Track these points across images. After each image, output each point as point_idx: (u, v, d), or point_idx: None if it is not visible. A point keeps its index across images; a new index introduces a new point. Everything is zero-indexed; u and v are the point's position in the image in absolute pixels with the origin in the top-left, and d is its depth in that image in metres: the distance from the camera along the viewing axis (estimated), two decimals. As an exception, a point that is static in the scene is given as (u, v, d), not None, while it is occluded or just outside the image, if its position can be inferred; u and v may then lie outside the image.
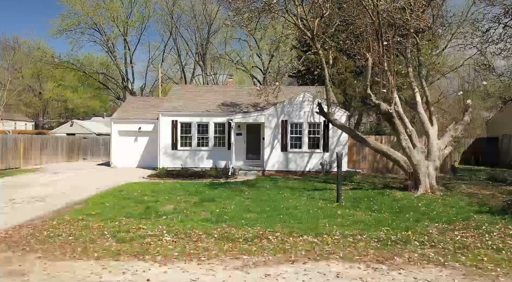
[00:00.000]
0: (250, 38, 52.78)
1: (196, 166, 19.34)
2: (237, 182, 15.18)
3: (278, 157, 18.37)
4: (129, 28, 51.68)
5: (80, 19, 48.44)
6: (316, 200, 11.05)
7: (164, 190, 12.95)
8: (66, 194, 12.31)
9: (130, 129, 21.09)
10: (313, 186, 13.95)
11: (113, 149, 21.21)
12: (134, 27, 52.10)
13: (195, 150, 19.45)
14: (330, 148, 18.35)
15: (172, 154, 19.43)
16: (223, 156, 19.23)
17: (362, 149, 18.74)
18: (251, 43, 52.70)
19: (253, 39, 52.21)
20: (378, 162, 18.49)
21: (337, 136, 18.36)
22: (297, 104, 18.41)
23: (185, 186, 14.03)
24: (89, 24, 49.35)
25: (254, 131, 19.54)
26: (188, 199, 11.27)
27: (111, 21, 49.67)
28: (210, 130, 19.50)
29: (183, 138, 19.58)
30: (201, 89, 23.10)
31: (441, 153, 12.29)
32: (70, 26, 48.27)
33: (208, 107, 20.01)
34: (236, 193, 12.42)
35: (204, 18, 52.22)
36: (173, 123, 19.46)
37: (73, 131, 35.91)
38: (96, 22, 49.16)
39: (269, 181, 15.32)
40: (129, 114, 21.69)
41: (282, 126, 18.36)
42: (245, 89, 23.34)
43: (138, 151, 21.34)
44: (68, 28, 48.49)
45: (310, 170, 18.32)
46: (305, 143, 18.38)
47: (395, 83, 11.85)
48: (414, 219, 8.73)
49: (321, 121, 18.37)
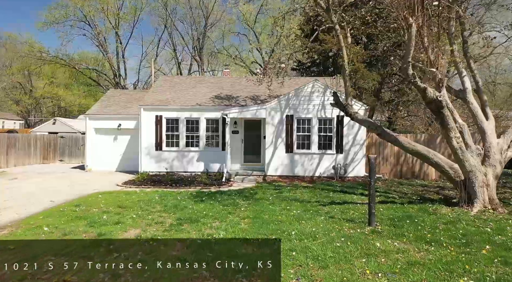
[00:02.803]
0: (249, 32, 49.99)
1: (184, 170, 16.30)
2: (231, 191, 12.14)
3: (282, 159, 15.33)
4: (121, 21, 48.65)
5: (68, 11, 45.47)
6: (338, 222, 8.00)
7: (135, 204, 9.92)
8: (4, 209, 9.28)
9: (109, 127, 18.03)
10: (328, 198, 10.90)
11: (89, 150, 18.16)
12: (126, 20, 49.07)
13: (183, 151, 16.41)
14: (345, 149, 15.31)
15: (156, 155, 16.38)
16: (216, 158, 16.19)
17: (383, 150, 15.70)
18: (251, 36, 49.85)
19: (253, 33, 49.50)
20: (402, 165, 15.45)
21: (352, 134, 15.32)
22: (305, 96, 15.36)
23: (166, 197, 11.00)
24: (79, 16, 46.40)
25: (254, 129, 16.50)
26: (162, 219, 8.22)
27: (101, 13, 46.62)
28: (201, 127, 16.46)
29: (169, 137, 16.53)
30: (192, 80, 20.10)
31: (503, 156, 9.24)
32: (58, 18, 45.39)
33: (199, 100, 16.96)
34: (228, 208, 9.37)
35: (201, 10, 49.20)
36: (157, 119, 16.41)
37: (55, 129, 32.79)
38: (86, 14, 46.12)
39: (272, 190, 12.28)
40: (108, 109, 18.64)
41: (287, 122, 15.32)
42: (243, 80, 20.29)
43: (118, 152, 18.28)
44: (55, 20, 45.60)
45: (320, 175, 15.28)
46: (315, 142, 15.34)
47: (443, 61, 8.81)
48: (497, 258, 5.68)
49: (333, 116, 15.33)
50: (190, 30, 51.37)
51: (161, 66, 52.19)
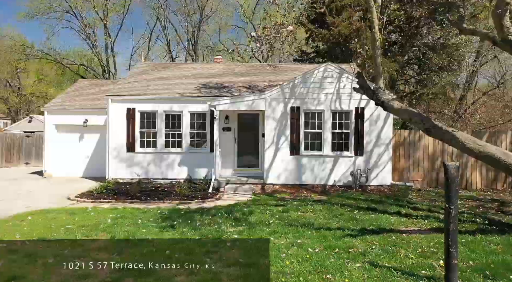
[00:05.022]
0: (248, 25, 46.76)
1: (163, 176, 12.98)
2: (218, 208, 8.83)
3: (286, 163, 12.03)
4: (110, 13, 45.31)
5: (52, 1, 42.14)
6: (387, 275, 4.70)
7: (70, 234, 6.63)
8: None
9: (73, 123, 14.71)
10: (355, 222, 7.56)
11: (48, 152, 14.83)
12: (115, 12, 45.76)
13: (161, 153, 13.08)
14: (366, 150, 12.01)
15: (127, 158, 13.06)
16: (203, 161, 12.88)
17: (414, 152, 12.38)
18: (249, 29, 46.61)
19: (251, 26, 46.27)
20: (438, 171, 12.15)
21: (376, 131, 12.02)
22: (315, 83, 12.05)
23: (122, 220, 7.69)
24: (64, 7, 43.10)
25: (250, 125, 13.20)
26: (92, 271, 4.90)
27: (88, 3, 43.25)
28: (184, 123, 13.14)
29: (144, 135, 13.21)
30: (176, 67, 16.78)
31: None
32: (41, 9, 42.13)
33: (182, 89, 13.64)
34: (206, 244, 6.06)
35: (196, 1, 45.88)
36: (129, 113, 13.09)
37: (32, 128, 29.49)
38: (72, 5, 42.81)
39: (273, 207, 8.96)
40: (72, 101, 15.31)
41: (292, 116, 12.02)
42: (237, 66, 17.00)
43: (84, 153, 14.96)
44: (39, 12, 42.36)
45: (335, 184, 11.97)
46: (327, 142, 12.04)
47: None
48: None
49: (351, 108, 12.03)
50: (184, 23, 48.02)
51: (153, 60, 48.80)
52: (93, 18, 44.86)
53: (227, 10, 48.27)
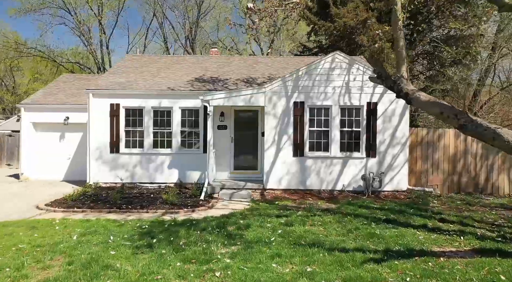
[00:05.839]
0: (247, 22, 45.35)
1: (151, 180, 11.60)
2: (209, 221, 7.43)
3: (289, 166, 10.64)
4: (105, 9, 43.89)
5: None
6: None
7: (16, 258, 5.23)
8: None
9: (53, 121, 13.32)
10: (375, 239, 6.16)
11: (24, 153, 13.46)
12: (111, 8, 44.32)
13: (149, 154, 11.69)
14: (379, 151, 10.61)
15: (111, 160, 11.67)
16: (195, 163, 11.50)
17: (432, 152, 10.98)
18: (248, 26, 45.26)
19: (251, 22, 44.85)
20: (461, 175, 10.76)
21: (390, 129, 10.63)
22: (322, 75, 10.66)
23: (91, 236, 6.29)
24: (58, 3, 41.66)
25: (248, 122, 11.83)
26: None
27: (83, 0, 41.82)
28: (175, 120, 11.75)
29: (129, 134, 11.82)
30: (167, 60, 15.36)
31: None
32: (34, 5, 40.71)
33: (173, 83, 12.25)
34: (187, 275, 4.66)
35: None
36: (113, 109, 11.70)
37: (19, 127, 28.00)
38: (66, 1, 41.38)
39: (275, 218, 7.56)
40: (52, 97, 13.91)
41: (296, 112, 10.63)
42: (235, 59, 15.63)
43: (66, 154, 13.56)
44: (31, 7, 40.94)
45: (344, 189, 10.57)
46: (336, 141, 10.65)
47: None
48: None
49: (363, 104, 10.64)
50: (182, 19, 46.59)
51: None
52: (88, 14, 43.46)
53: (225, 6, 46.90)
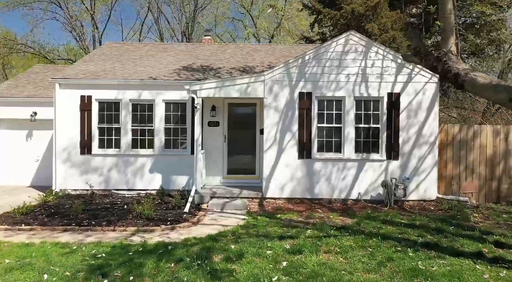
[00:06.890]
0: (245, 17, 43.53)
1: (129, 186, 9.76)
2: (190, 244, 5.60)
3: (293, 170, 8.80)
4: (97, 2, 42.04)
5: (34, -11, 38.82)
6: None
7: None
8: None
9: (18, 117, 11.47)
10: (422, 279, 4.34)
11: (-15, 153, 11.61)
12: (103, 1, 42.47)
13: (127, 156, 9.85)
14: (402, 152, 8.79)
15: (81, 162, 9.82)
16: (182, 167, 9.67)
17: (466, 154, 9.13)
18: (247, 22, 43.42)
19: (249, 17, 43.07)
20: (500, 180, 8.94)
21: (416, 124, 8.80)
22: (333, 60, 8.82)
23: (19, 273, 4.49)
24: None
25: (244, 118, 10.00)
26: None
27: (74, -8, 39.94)
28: (158, 115, 9.91)
29: (104, 132, 9.97)
30: (152, 47, 13.48)
31: None
32: (23, 0, 38.83)
33: (156, 72, 10.41)
34: None
35: (189, -10, 42.60)
36: (84, 103, 9.85)
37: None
38: (56, -6, 39.51)
39: (276, 243, 5.72)
40: (18, 89, 12.05)
41: (302, 104, 8.79)
42: (230, 47, 13.79)
43: (33, 155, 11.71)
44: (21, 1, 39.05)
45: (359, 198, 8.74)
46: (350, 140, 8.81)
47: None
48: None
49: (382, 95, 8.81)
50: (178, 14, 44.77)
51: (144, 54, 45.52)
52: (80, 9, 41.60)
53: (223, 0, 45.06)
